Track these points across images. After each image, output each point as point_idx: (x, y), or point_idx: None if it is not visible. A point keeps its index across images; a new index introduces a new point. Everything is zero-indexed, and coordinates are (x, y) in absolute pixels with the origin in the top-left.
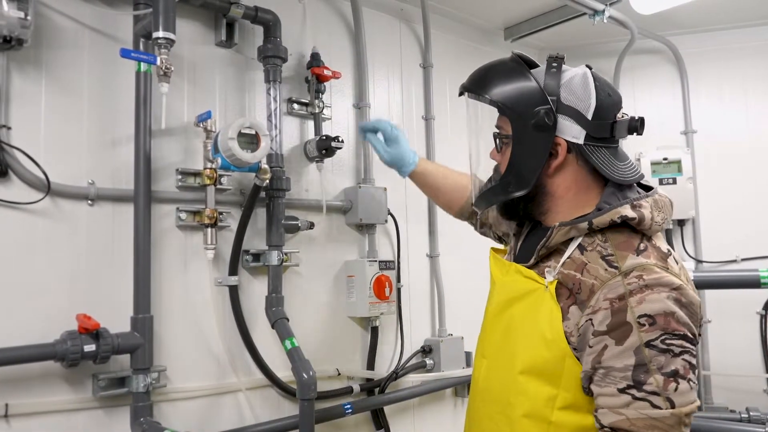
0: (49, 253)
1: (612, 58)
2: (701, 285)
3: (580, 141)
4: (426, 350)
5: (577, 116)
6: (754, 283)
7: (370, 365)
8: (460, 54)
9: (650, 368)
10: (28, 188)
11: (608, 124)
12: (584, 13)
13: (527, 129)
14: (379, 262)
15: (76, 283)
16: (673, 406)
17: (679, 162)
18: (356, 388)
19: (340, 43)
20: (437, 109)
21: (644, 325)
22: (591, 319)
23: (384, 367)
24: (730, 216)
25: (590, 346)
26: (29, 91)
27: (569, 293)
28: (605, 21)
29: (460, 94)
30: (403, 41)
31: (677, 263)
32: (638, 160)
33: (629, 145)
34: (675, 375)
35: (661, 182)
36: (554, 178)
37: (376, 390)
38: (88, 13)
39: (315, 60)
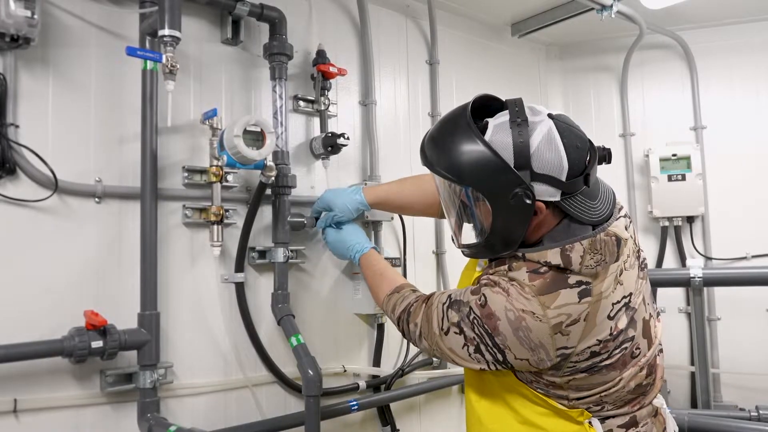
0: (57, 250)
1: (620, 53)
2: (711, 282)
3: (557, 198)
4: None
5: (552, 181)
6: (765, 281)
7: (376, 362)
8: (467, 50)
9: (458, 311)
10: (36, 186)
11: (581, 178)
12: (592, 8)
13: (507, 206)
14: (385, 259)
15: (83, 280)
16: (444, 334)
17: (688, 158)
18: (362, 384)
19: (346, 40)
20: (444, 105)
21: (481, 300)
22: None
23: (390, 364)
24: (740, 213)
25: None
26: (37, 90)
27: None
28: (613, 16)
29: (425, 164)
30: (409, 38)
31: (583, 297)
32: (647, 156)
33: (638, 142)
34: (461, 330)
35: (669, 179)
36: (534, 230)
37: (382, 387)
38: (94, 11)
39: (321, 57)
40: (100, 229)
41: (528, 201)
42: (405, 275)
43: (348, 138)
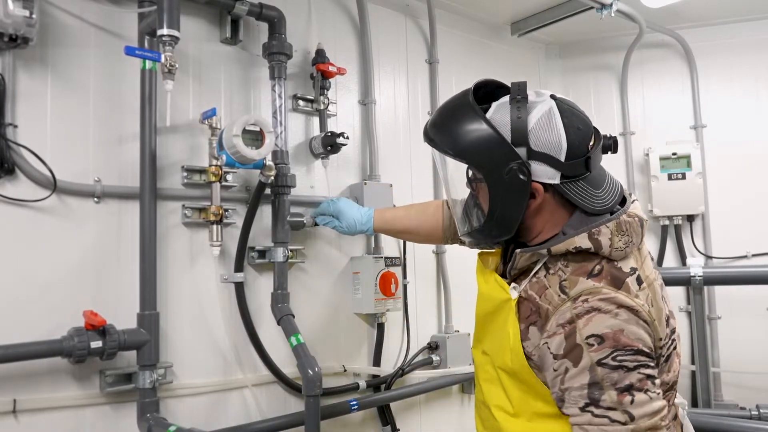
0: (56, 250)
1: (620, 52)
2: (712, 281)
3: (556, 181)
4: (432, 347)
5: (550, 160)
6: (765, 280)
7: (376, 362)
8: (467, 49)
9: (604, 385)
10: (35, 186)
11: (582, 161)
12: (591, 7)
13: (502, 183)
14: (385, 258)
15: (82, 280)
16: (632, 419)
17: (688, 157)
18: (362, 384)
19: (345, 40)
20: None
21: (593, 345)
22: (547, 344)
23: (390, 363)
24: (740, 211)
25: (554, 370)
26: (35, 90)
27: (530, 313)
28: (613, 15)
29: (426, 141)
30: (408, 37)
31: (640, 284)
32: (647, 155)
33: (638, 141)
34: (630, 389)
35: (669, 177)
36: (533, 216)
37: (383, 386)
38: (93, 11)
39: (320, 56)
40: (100, 229)
41: (522, 177)
42: (405, 275)
43: (347, 137)
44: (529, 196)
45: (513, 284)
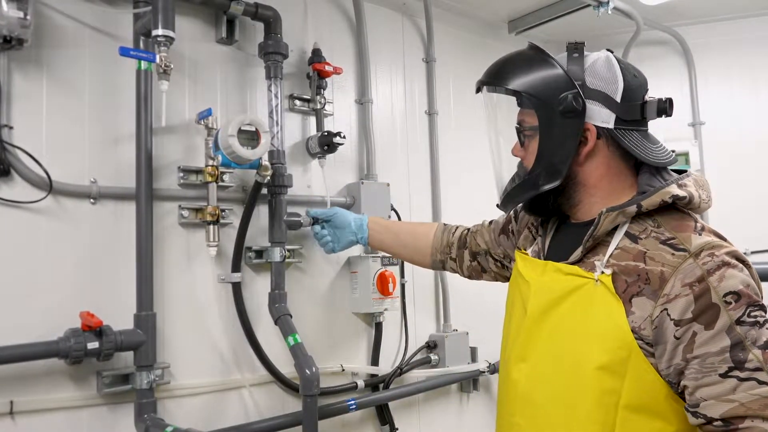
0: (52, 251)
1: (618, 49)
2: None
3: (610, 125)
4: (431, 346)
5: (605, 99)
6: (764, 277)
7: (375, 361)
8: (464, 48)
9: (746, 345)
10: (31, 187)
11: (638, 106)
12: (588, 5)
13: (554, 117)
14: (382, 257)
15: (79, 281)
16: None
17: (686, 154)
18: (360, 384)
19: (341, 39)
20: (440, 104)
21: (731, 303)
22: (666, 309)
23: (388, 362)
24: (738, 209)
25: (676, 338)
26: (30, 91)
27: (627, 285)
28: (610, 12)
29: (478, 90)
30: (405, 36)
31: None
32: None
33: None
34: (767, 346)
35: None
36: (585, 166)
37: (381, 386)
38: (88, 11)
39: (316, 56)
40: (96, 230)
41: (576, 106)
42: (402, 274)
43: (344, 137)
44: (581, 141)
45: (597, 261)
